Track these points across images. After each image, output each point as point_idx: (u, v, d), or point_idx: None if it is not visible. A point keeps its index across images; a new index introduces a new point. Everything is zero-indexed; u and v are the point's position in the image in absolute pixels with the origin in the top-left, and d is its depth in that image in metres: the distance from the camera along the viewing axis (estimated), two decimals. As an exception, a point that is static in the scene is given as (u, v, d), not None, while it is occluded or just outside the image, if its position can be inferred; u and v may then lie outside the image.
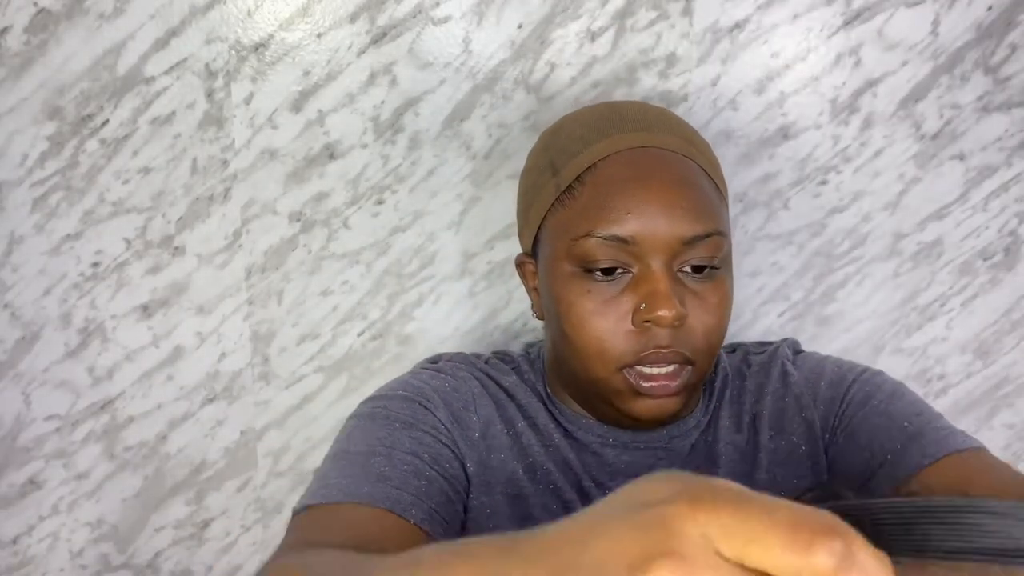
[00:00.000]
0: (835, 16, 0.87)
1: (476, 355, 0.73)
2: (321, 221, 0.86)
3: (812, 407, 0.69)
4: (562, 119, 0.68)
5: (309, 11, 0.80)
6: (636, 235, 0.59)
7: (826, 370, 0.71)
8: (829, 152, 0.91)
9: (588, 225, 0.60)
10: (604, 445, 0.67)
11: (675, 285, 0.60)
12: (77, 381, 0.86)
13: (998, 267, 0.97)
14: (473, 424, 0.66)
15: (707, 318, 0.61)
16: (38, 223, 0.81)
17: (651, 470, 0.66)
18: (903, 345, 0.99)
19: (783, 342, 0.76)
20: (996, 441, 1.03)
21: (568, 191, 0.62)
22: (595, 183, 0.61)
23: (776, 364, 0.73)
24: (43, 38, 0.76)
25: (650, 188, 0.59)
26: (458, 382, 0.68)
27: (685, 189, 0.60)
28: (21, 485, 0.88)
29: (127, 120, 0.80)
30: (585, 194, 0.61)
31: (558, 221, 0.62)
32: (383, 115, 0.84)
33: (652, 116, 0.64)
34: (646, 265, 0.60)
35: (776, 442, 0.68)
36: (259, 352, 0.89)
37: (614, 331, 0.60)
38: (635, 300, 0.60)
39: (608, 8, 0.84)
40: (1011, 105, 0.92)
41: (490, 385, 0.69)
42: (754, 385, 0.73)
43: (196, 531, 0.94)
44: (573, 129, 0.65)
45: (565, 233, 0.61)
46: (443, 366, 0.70)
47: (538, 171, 0.66)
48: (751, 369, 0.74)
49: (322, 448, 0.93)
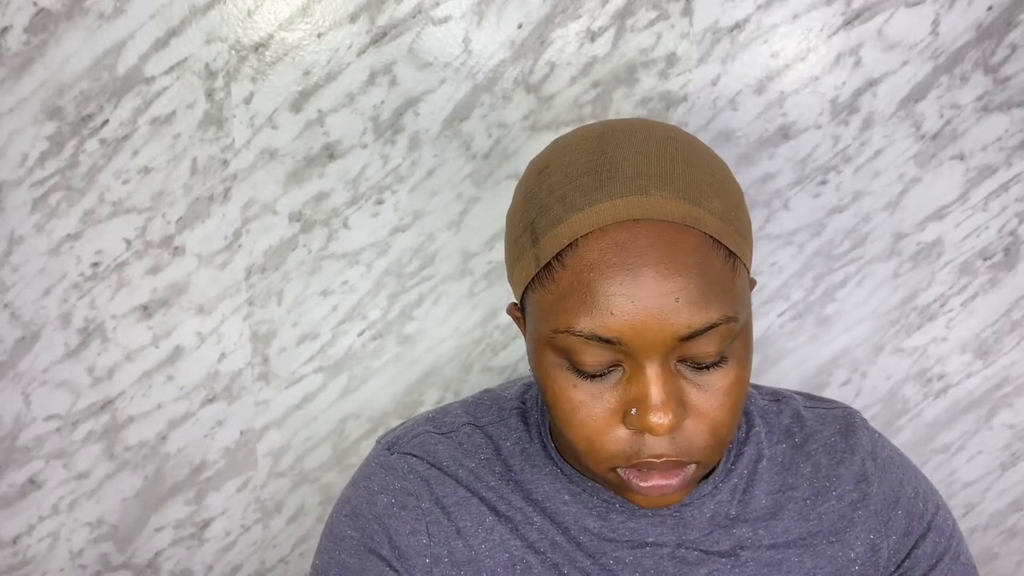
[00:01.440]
0: (835, 16, 0.87)
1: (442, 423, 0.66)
2: (321, 221, 0.86)
3: (883, 533, 0.64)
4: (552, 149, 0.57)
5: (309, 11, 0.80)
6: (623, 337, 0.50)
7: (904, 494, 0.65)
8: (829, 152, 0.91)
9: (568, 319, 0.51)
10: (609, 511, 0.63)
11: (672, 384, 0.52)
12: (77, 381, 0.86)
13: (998, 267, 0.97)
14: (421, 548, 0.62)
15: (714, 412, 0.53)
16: (38, 223, 0.81)
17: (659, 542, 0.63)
18: (903, 345, 0.99)
19: (852, 415, 0.67)
20: (996, 441, 1.03)
21: (547, 269, 0.53)
22: (576, 268, 0.51)
23: (852, 460, 0.65)
24: (43, 38, 0.76)
25: (638, 280, 0.50)
26: (403, 491, 0.63)
27: (683, 275, 0.50)
28: (21, 485, 0.88)
29: (127, 120, 0.80)
30: (564, 279, 0.52)
31: (539, 300, 0.54)
32: (383, 115, 0.84)
33: (651, 167, 0.53)
34: (637, 364, 0.51)
35: (834, 551, 0.63)
36: (259, 352, 0.89)
37: (603, 431, 0.53)
38: (626, 401, 0.52)
39: (608, 8, 0.84)
40: (1011, 105, 0.92)
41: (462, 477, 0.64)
42: (812, 470, 0.64)
43: (196, 531, 0.94)
44: (558, 180, 0.54)
45: (546, 319, 0.53)
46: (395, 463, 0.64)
47: (520, 228, 0.56)
48: (809, 442, 0.65)
49: (322, 448, 0.93)
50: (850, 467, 0.65)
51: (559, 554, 0.62)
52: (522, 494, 0.64)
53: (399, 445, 0.66)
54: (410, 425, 0.68)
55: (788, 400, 0.68)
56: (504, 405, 0.67)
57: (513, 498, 0.63)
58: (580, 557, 0.62)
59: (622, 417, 0.53)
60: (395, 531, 0.62)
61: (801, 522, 0.63)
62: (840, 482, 0.64)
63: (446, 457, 0.64)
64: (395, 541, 0.62)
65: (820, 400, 0.69)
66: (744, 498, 0.64)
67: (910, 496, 0.65)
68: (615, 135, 0.55)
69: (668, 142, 0.55)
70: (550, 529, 0.63)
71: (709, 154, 0.56)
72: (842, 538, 0.63)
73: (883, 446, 0.67)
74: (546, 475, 0.64)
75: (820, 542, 0.63)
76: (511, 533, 0.63)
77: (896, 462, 0.67)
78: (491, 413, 0.67)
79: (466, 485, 0.64)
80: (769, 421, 0.66)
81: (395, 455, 0.65)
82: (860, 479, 0.64)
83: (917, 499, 0.65)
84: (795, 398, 0.69)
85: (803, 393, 0.70)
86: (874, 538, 0.64)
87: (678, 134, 0.56)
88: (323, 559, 0.64)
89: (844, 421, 0.67)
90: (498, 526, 0.63)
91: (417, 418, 0.69)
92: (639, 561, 0.62)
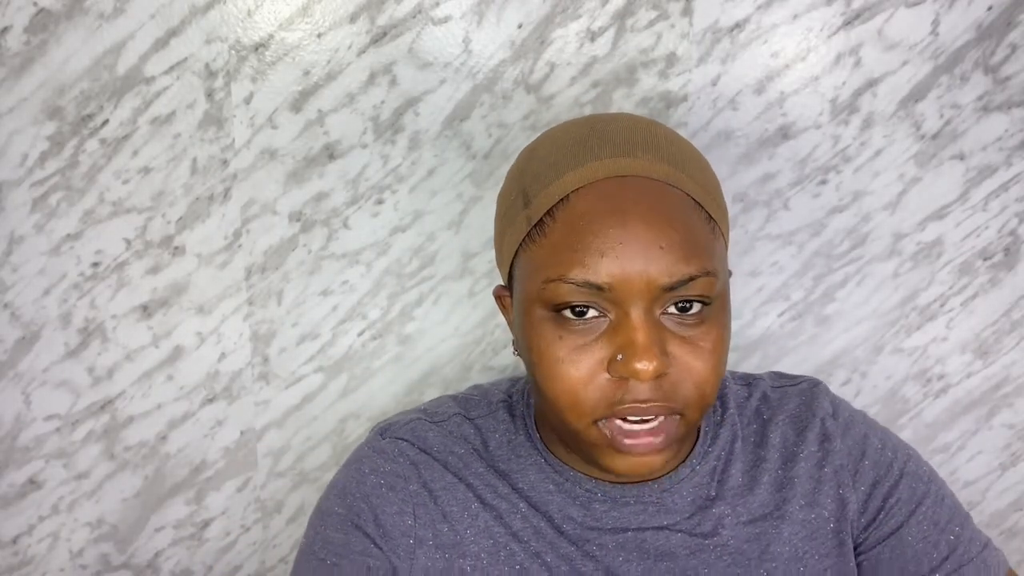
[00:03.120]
0: (835, 16, 0.87)
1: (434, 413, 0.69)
2: (321, 221, 0.86)
3: (851, 486, 0.65)
4: (542, 136, 0.61)
5: (309, 11, 0.80)
6: (611, 282, 0.53)
7: (870, 446, 0.67)
8: (829, 152, 0.91)
9: (559, 268, 0.54)
10: (592, 500, 0.64)
11: (656, 333, 0.53)
12: (77, 381, 0.86)
13: (998, 267, 0.97)
14: (406, 529, 0.63)
15: (697, 365, 0.55)
16: (38, 223, 0.81)
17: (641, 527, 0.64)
18: (903, 345, 0.99)
19: (814, 386, 0.70)
20: (996, 441, 1.03)
21: (539, 226, 0.56)
22: (567, 219, 0.54)
23: (813, 422, 0.67)
24: (43, 38, 0.76)
25: (626, 227, 0.53)
26: (392, 472, 0.65)
27: (668, 226, 0.53)
28: (21, 485, 0.88)
29: (127, 120, 0.80)
30: (556, 231, 0.54)
31: (530, 258, 0.56)
32: (383, 115, 0.84)
33: (637, 137, 0.57)
34: (623, 312, 0.53)
35: (806, 514, 0.65)
36: (259, 352, 0.89)
37: (587, 381, 0.54)
38: (611, 349, 0.54)
39: (608, 8, 0.84)
40: (1011, 105, 0.92)
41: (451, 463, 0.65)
42: (780, 440, 0.67)
43: (196, 531, 0.94)
44: (548, 152, 0.58)
45: (536, 274, 0.55)
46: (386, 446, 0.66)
47: (511, 198, 0.60)
48: (776, 414, 0.68)
49: (322, 448, 0.93)
50: (812, 429, 0.67)
51: (542, 542, 0.63)
52: (508, 483, 0.65)
53: (391, 431, 0.68)
54: (403, 414, 0.70)
55: (757, 383, 0.71)
56: (492, 399, 0.70)
57: (499, 487, 0.65)
58: (564, 544, 0.63)
59: (607, 367, 0.54)
60: (381, 510, 0.64)
61: (774, 492, 0.65)
62: (805, 444, 0.66)
63: (436, 444, 0.66)
64: (380, 520, 0.63)
65: (787, 378, 0.72)
66: (722, 478, 0.65)
67: (876, 447, 0.67)
68: (603, 117, 0.60)
69: (654, 124, 0.59)
70: (534, 517, 0.64)
71: (693, 146, 0.60)
72: (813, 499, 0.65)
73: (845, 408, 0.69)
74: (531, 465, 0.66)
75: (794, 508, 0.65)
76: (496, 520, 0.64)
77: (859, 420, 0.69)
78: (480, 407, 0.69)
79: (454, 471, 0.65)
80: (741, 404, 0.69)
81: (387, 439, 0.67)
82: (823, 438, 0.66)
83: (885, 450, 0.66)
84: (763, 379, 0.71)
85: (773, 373, 0.73)
86: (843, 492, 0.65)
87: (665, 126, 0.61)
88: (309, 535, 0.65)
89: (808, 392, 0.69)
90: (483, 513, 0.64)
91: (410, 410, 0.71)
92: (622, 546, 0.64)
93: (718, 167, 0.90)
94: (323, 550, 0.63)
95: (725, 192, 0.91)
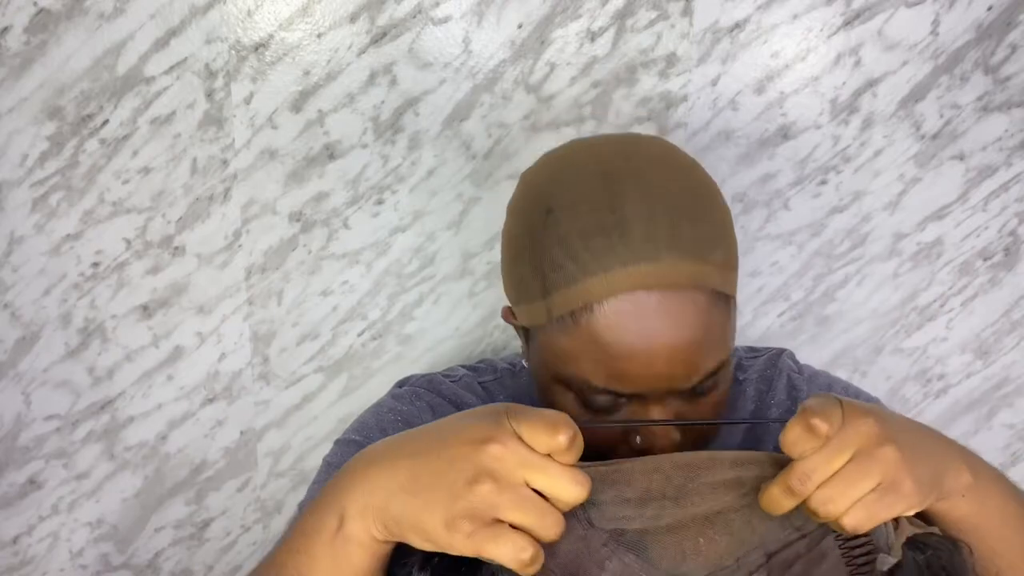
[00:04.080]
0: (835, 16, 0.87)
1: (448, 374, 0.73)
2: (321, 221, 0.86)
3: None
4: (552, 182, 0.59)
5: (309, 11, 0.80)
6: (634, 390, 0.56)
7: (834, 390, 0.70)
8: (829, 152, 0.91)
9: (584, 375, 0.56)
10: None
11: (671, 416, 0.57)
12: (77, 381, 0.86)
13: (998, 267, 0.97)
14: None
15: (707, 413, 0.59)
16: (38, 223, 0.81)
17: None
18: (903, 345, 0.99)
19: (781, 352, 0.74)
20: (996, 441, 1.03)
21: (559, 320, 0.56)
22: (591, 329, 0.54)
23: (780, 375, 0.71)
24: (43, 38, 0.76)
25: (651, 346, 0.54)
26: (409, 412, 0.68)
27: (691, 336, 0.54)
28: (21, 485, 0.88)
29: (127, 120, 0.80)
30: (579, 336, 0.55)
31: (549, 342, 0.58)
32: (383, 115, 0.84)
33: (661, 231, 0.54)
34: (643, 406, 0.57)
35: None
36: (259, 352, 0.89)
37: (603, 436, 0.58)
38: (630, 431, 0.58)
39: (608, 8, 0.84)
40: (1011, 105, 0.92)
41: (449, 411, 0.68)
42: (754, 392, 0.71)
43: (196, 531, 0.94)
44: (567, 230, 0.56)
45: (556, 361, 0.57)
46: (404, 392, 0.71)
47: (528, 268, 0.58)
48: (747, 375, 0.72)
49: (322, 448, 0.93)
50: (780, 380, 0.71)
51: None
52: None
53: (409, 382, 0.74)
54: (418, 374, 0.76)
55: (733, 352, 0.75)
56: (498, 367, 0.76)
57: None
58: None
59: (624, 439, 0.58)
60: None
61: (748, 434, 0.69)
62: (774, 393, 0.71)
63: (450, 393, 0.72)
64: None
65: (757, 350, 0.76)
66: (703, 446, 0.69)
67: (840, 390, 0.70)
68: (619, 177, 0.56)
69: (671, 195, 0.56)
70: None
71: (705, 186, 0.59)
72: None
73: (809, 368, 0.74)
74: None
75: (767, 448, 0.67)
76: None
77: (823, 376, 0.73)
78: (487, 374, 0.76)
79: None
80: None
81: (405, 388, 0.73)
82: (790, 388, 0.71)
83: (848, 393, 0.70)
84: (737, 350, 0.75)
85: (745, 347, 0.77)
86: None
87: (677, 171, 0.58)
88: (322, 465, 0.68)
89: (775, 356, 0.74)
90: None
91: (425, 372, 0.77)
92: None
93: (718, 167, 0.90)
94: None
95: (725, 192, 0.91)
